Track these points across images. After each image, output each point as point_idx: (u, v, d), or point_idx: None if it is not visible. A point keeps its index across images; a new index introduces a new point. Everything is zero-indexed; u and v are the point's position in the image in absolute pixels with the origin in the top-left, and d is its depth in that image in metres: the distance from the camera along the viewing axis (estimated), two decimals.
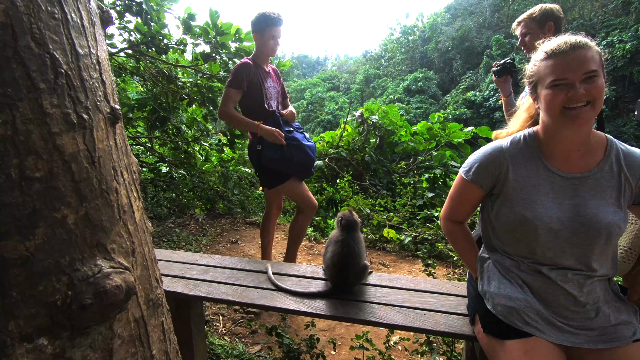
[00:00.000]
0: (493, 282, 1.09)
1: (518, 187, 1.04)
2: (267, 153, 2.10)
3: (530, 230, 1.00)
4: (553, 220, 0.98)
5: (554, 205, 0.99)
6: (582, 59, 0.92)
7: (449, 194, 1.22)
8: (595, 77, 0.92)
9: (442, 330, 1.24)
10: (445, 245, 3.42)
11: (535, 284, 1.02)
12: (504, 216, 1.06)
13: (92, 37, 0.62)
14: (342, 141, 5.79)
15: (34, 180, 0.52)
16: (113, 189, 0.64)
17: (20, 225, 0.51)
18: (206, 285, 1.59)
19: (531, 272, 1.04)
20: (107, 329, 0.62)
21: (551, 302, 1.00)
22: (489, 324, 1.06)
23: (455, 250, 1.27)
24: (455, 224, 1.23)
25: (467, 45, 32.45)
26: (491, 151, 1.09)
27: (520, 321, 1.00)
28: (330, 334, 2.15)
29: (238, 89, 2.05)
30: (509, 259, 1.09)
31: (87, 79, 0.59)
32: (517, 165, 1.05)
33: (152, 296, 0.75)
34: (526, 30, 1.90)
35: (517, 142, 1.08)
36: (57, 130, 0.54)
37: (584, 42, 0.94)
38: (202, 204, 4.82)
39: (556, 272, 1.00)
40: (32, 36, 0.50)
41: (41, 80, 0.52)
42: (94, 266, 0.58)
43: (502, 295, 1.05)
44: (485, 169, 1.08)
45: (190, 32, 3.84)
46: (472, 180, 1.10)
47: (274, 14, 2.09)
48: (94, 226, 0.60)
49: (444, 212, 1.24)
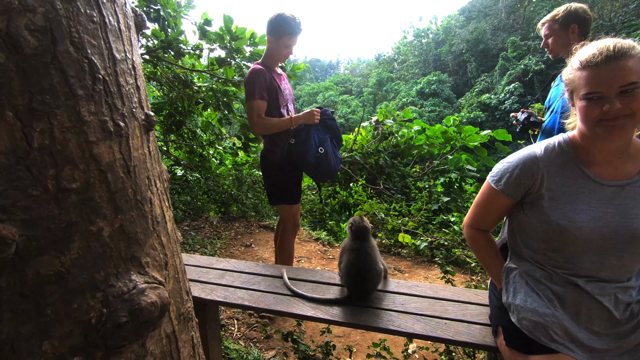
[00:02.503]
0: (519, 295, 1.04)
1: (554, 197, 0.98)
2: (298, 148, 2.04)
3: (568, 241, 0.95)
4: (592, 229, 0.92)
5: (593, 214, 0.94)
6: (618, 70, 0.85)
7: (474, 201, 1.17)
8: (635, 89, 0.85)
9: (464, 341, 1.20)
10: (462, 251, 3.33)
11: (568, 297, 0.97)
12: (538, 225, 1.00)
13: (128, 41, 0.59)
14: (356, 145, 5.74)
15: (71, 191, 0.49)
16: (147, 200, 0.61)
17: (56, 240, 0.48)
18: (223, 289, 1.58)
19: (565, 284, 0.98)
20: (140, 346, 0.59)
21: (583, 316, 0.95)
22: (513, 337, 1.02)
23: (478, 259, 1.21)
24: (480, 232, 1.17)
25: (482, 48, 32.02)
26: (524, 160, 1.02)
27: (546, 337, 0.95)
28: (346, 340, 2.10)
29: (262, 99, 1.98)
30: (540, 269, 1.03)
31: (123, 84, 0.56)
32: (552, 173, 0.99)
33: (182, 310, 0.72)
34: (549, 32, 1.82)
35: (551, 149, 1.01)
36: (94, 138, 0.51)
37: (622, 51, 0.85)
38: (216, 207, 4.84)
39: (593, 285, 0.95)
40: (71, 40, 0.48)
41: (79, 87, 0.49)
42: (128, 281, 0.55)
43: (528, 309, 1.00)
44: (517, 179, 1.02)
45: (206, 38, 3.87)
46: (502, 190, 1.05)
47: (294, 21, 1.97)
48: (129, 239, 0.57)
49: (468, 219, 1.19)
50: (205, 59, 4.45)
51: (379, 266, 1.48)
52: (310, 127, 2.09)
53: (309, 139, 2.05)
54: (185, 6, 3.87)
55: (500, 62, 27.86)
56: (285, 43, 2.00)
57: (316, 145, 2.08)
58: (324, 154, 2.08)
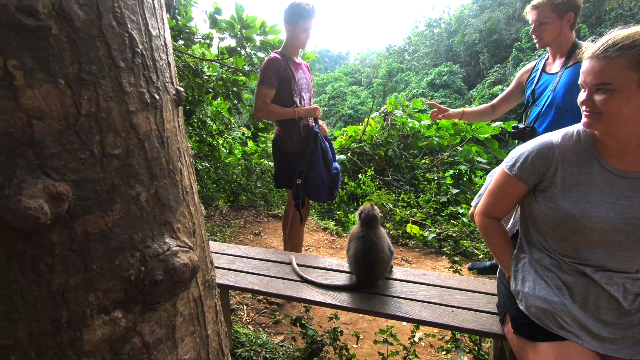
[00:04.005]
0: (528, 283, 1.05)
1: (567, 185, 0.99)
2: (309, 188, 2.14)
3: (577, 229, 0.96)
4: (604, 220, 0.93)
5: (606, 205, 0.94)
6: (594, 69, 0.88)
7: (488, 189, 1.18)
8: (606, 89, 0.86)
9: (471, 328, 1.23)
10: (471, 242, 3.33)
11: (576, 286, 0.97)
12: (548, 213, 1.01)
13: (161, 19, 0.62)
14: (365, 135, 5.73)
15: (113, 157, 0.53)
16: (178, 170, 0.65)
17: (101, 201, 0.52)
18: (233, 274, 1.61)
19: (573, 272, 0.99)
20: (172, 306, 0.64)
21: (591, 305, 0.96)
22: (521, 325, 1.03)
23: (488, 246, 1.22)
24: (492, 220, 1.18)
25: (495, 38, 31.24)
26: (540, 146, 1.03)
27: (554, 324, 0.96)
28: (353, 327, 2.14)
29: (270, 85, 2.04)
30: (549, 257, 1.04)
31: (157, 59, 0.60)
32: (568, 162, 0.99)
33: (207, 277, 0.76)
34: (543, 18, 1.60)
35: (569, 138, 1.02)
36: (134, 108, 0.55)
37: (613, 48, 0.85)
38: (225, 196, 4.91)
39: (601, 274, 0.95)
40: (114, 15, 0.51)
41: (121, 59, 0.53)
42: (163, 244, 0.59)
43: (536, 296, 1.01)
44: (532, 164, 1.03)
45: (217, 26, 3.88)
46: (516, 175, 1.05)
47: (308, 6, 2.03)
48: (163, 205, 0.61)
49: (481, 206, 1.20)
50: (215, 48, 4.48)
51: (386, 254, 1.49)
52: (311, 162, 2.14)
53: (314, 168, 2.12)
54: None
55: (514, 53, 27.15)
56: (302, 27, 2.06)
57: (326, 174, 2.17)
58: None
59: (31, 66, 0.44)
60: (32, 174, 0.45)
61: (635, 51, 0.82)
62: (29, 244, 0.47)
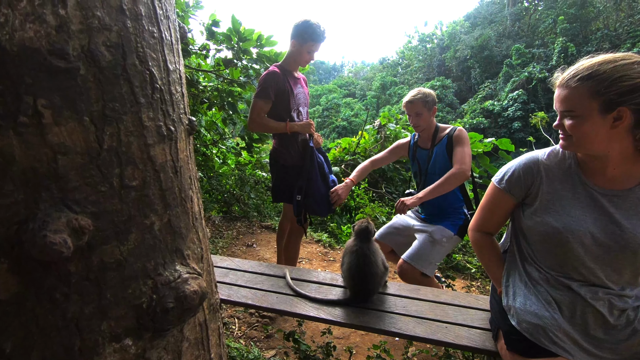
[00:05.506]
0: (519, 298, 1.07)
1: (551, 199, 1.03)
2: (311, 203, 2.14)
3: (561, 242, 0.99)
4: (585, 234, 0.96)
5: (588, 219, 0.97)
6: (563, 96, 0.94)
7: (479, 205, 1.22)
8: (572, 116, 0.93)
9: (465, 345, 1.23)
10: (463, 256, 3.37)
11: (564, 300, 1.00)
12: (533, 227, 1.05)
13: (177, 53, 0.65)
14: (359, 148, 5.80)
15: (131, 188, 0.55)
16: (189, 197, 0.67)
17: (118, 231, 0.54)
18: (226, 287, 1.59)
19: (560, 286, 1.01)
20: (179, 331, 0.65)
21: (579, 320, 0.97)
22: (514, 341, 1.05)
23: (480, 261, 1.25)
24: (484, 235, 1.22)
25: (486, 54, 32.17)
26: (526, 161, 1.09)
27: (547, 340, 0.97)
28: (346, 342, 2.14)
29: (266, 99, 2.04)
30: (538, 271, 1.07)
31: (174, 92, 0.62)
32: (551, 178, 1.04)
33: (212, 301, 0.78)
34: (419, 110, 2.02)
35: (555, 155, 1.07)
36: (151, 141, 0.57)
37: (573, 79, 0.92)
38: (218, 207, 4.88)
39: (586, 289, 0.98)
40: (137, 54, 0.54)
41: (142, 95, 0.55)
42: (174, 271, 0.61)
43: (527, 311, 1.03)
44: (518, 178, 1.08)
45: (214, 39, 3.93)
46: (504, 188, 1.10)
47: (319, 29, 2.03)
48: (174, 232, 0.63)
49: (473, 222, 1.24)
50: (211, 59, 4.51)
51: (380, 269, 1.50)
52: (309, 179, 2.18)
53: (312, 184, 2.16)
54: (193, 6, 3.93)
55: (505, 69, 27.99)
56: (308, 48, 2.08)
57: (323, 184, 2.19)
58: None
59: (59, 105, 0.47)
60: (55, 207, 0.47)
61: (592, 82, 0.88)
62: (47, 274, 0.49)
